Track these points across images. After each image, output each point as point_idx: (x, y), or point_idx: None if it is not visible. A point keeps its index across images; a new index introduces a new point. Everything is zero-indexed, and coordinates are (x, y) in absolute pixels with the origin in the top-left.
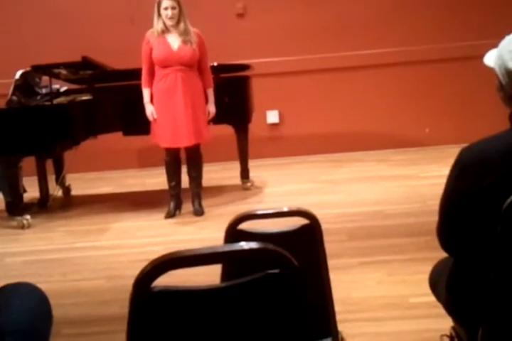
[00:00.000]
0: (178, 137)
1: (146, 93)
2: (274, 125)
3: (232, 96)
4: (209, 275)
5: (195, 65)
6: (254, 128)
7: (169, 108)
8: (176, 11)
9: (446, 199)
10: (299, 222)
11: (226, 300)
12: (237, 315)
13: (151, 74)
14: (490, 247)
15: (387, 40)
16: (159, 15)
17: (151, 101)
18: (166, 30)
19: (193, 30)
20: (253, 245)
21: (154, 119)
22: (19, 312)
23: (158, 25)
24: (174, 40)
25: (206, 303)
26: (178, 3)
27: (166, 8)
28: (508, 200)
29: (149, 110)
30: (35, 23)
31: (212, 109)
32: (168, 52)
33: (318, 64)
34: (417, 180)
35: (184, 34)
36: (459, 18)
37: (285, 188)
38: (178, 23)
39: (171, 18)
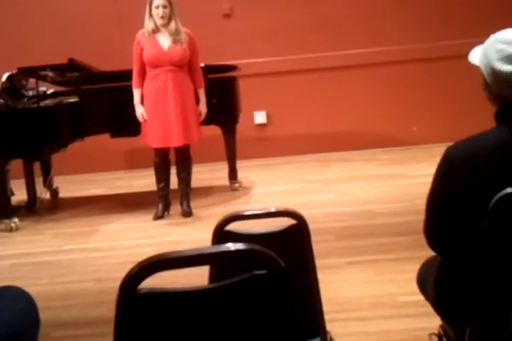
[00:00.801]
0: (167, 137)
1: (136, 94)
2: (261, 125)
3: (219, 97)
4: (197, 277)
5: (186, 65)
6: (241, 128)
7: (159, 108)
8: (168, 10)
9: (432, 198)
10: (287, 222)
11: (213, 301)
12: (225, 316)
13: (142, 74)
14: (477, 245)
15: (374, 40)
16: (151, 15)
17: (142, 101)
18: (156, 29)
19: (183, 30)
20: (240, 246)
21: (144, 120)
22: (6, 315)
23: (149, 25)
24: (164, 40)
25: (193, 305)
26: (170, 3)
27: (157, 7)
28: (495, 198)
29: (139, 111)
30: (20, 26)
31: (203, 109)
32: (159, 52)
33: (305, 64)
34: (405, 179)
35: (175, 34)
36: (444, 16)
37: (273, 188)
38: (168, 22)
39: (162, 17)
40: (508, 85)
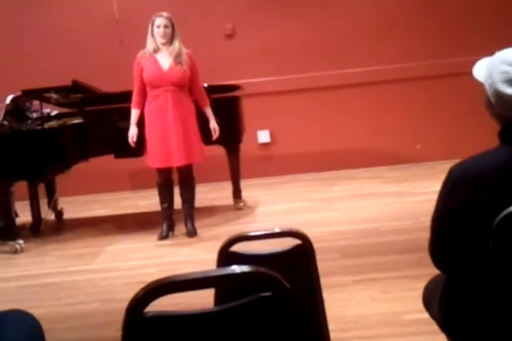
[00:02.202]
0: (169, 157)
1: (133, 114)
2: (265, 144)
3: (223, 116)
4: (203, 296)
5: (186, 86)
6: (245, 148)
7: (160, 129)
8: (169, 30)
9: (437, 217)
10: (292, 241)
11: (219, 324)
12: (231, 339)
13: (142, 95)
14: (482, 264)
15: (378, 58)
16: (152, 35)
17: (143, 122)
18: (157, 49)
19: (185, 50)
20: (245, 268)
21: (134, 142)
22: (13, 340)
23: (150, 45)
24: (165, 61)
25: (199, 328)
26: (172, 24)
27: (158, 26)
28: (500, 216)
29: (131, 132)
30: (24, 48)
31: (215, 125)
32: (159, 72)
33: (307, 83)
34: (410, 197)
35: (176, 54)
36: (447, 34)
37: (278, 207)
38: (171, 42)
39: (163, 36)
40: (511, 107)
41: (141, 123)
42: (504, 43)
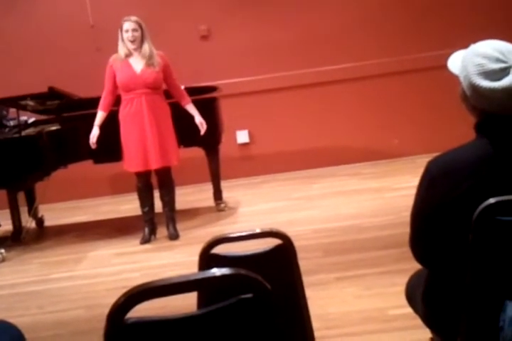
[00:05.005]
0: (146, 161)
1: (98, 115)
2: (244, 145)
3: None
4: (186, 298)
5: (160, 88)
6: (224, 148)
7: (136, 132)
8: (138, 34)
9: (416, 212)
10: (275, 240)
11: (200, 327)
12: None
13: (110, 98)
14: (462, 257)
15: (351, 55)
16: (123, 39)
17: (117, 126)
18: (129, 53)
19: (156, 52)
20: (225, 271)
21: (94, 143)
22: None
23: (122, 50)
24: (137, 64)
25: (181, 332)
26: (140, 27)
27: (127, 31)
28: (479, 209)
29: (93, 133)
30: None
31: (201, 120)
32: (132, 75)
33: (284, 82)
34: (390, 192)
35: (148, 57)
36: (420, 29)
37: (259, 207)
38: (141, 46)
39: (132, 41)
40: (486, 100)
41: (115, 127)
42: (479, 36)
